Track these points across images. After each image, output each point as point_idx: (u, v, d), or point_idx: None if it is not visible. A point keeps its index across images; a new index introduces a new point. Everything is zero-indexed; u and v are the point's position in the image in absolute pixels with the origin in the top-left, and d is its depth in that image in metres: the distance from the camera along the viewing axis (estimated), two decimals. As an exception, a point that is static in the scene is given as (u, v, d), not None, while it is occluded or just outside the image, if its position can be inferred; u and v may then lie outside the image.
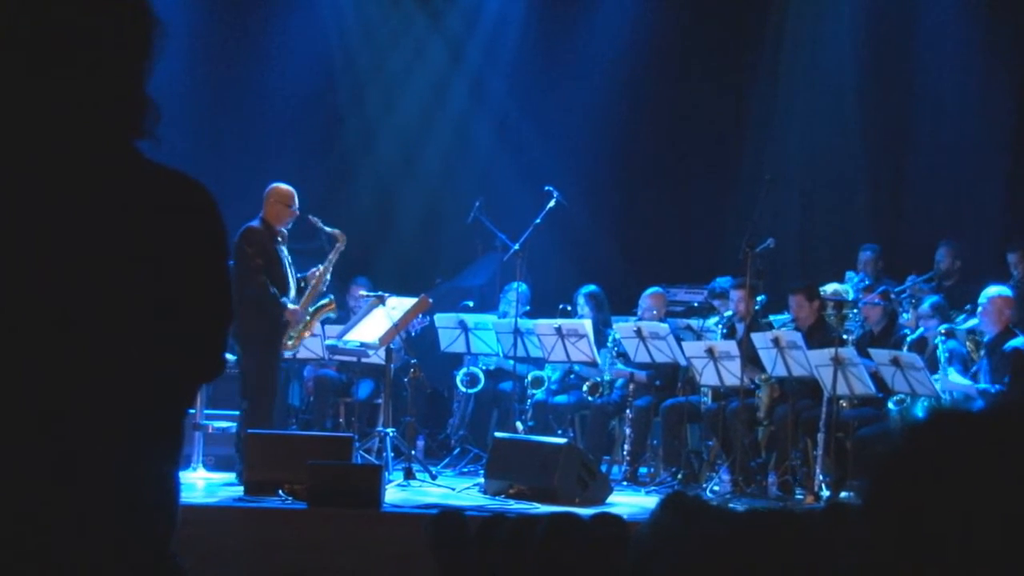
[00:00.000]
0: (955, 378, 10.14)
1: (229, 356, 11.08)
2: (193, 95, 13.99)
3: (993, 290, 10.35)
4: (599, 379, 11.70)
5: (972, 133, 13.64)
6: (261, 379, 10.02)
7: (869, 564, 1.55)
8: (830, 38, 14.28)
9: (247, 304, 9.91)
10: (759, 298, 11.29)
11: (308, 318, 10.38)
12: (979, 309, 10.33)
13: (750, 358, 10.50)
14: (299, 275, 10.37)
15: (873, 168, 14.10)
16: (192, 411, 10.84)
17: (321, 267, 10.48)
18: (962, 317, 11.03)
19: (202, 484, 10.26)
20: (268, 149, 14.00)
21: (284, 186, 10.37)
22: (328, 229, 10.58)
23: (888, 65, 14.03)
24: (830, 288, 11.37)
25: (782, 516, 3.17)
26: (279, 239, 10.23)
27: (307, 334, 10.49)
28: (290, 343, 10.32)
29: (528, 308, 12.22)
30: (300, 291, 10.35)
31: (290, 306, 10.15)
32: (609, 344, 11.65)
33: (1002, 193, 13.35)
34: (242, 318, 9.98)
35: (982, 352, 10.37)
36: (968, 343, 10.68)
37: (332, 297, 10.67)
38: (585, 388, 11.72)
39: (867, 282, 12.22)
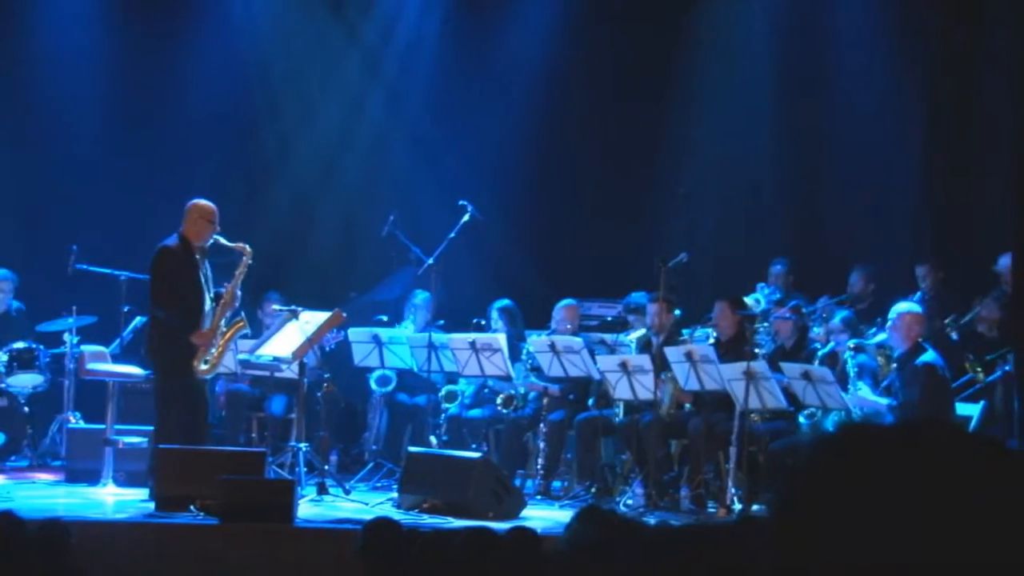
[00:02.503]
0: (865, 393, 10.23)
1: (140, 371, 11.03)
2: (105, 107, 13.85)
3: (903, 306, 10.40)
4: (513, 391, 11.73)
5: (884, 148, 13.78)
6: (167, 399, 9.90)
7: (779, 577, 1.56)
8: (744, 55, 14.40)
9: (157, 325, 9.97)
10: (676, 312, 11.36)
11: (220, 340, 10.10)
12: (888, 324, 10.38)
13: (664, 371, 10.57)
14: (216, 290, 10.21)
15: (788, 182, 14.20)
16: (103, 426, 10.71)
17: (229, 284, 10.20)
18: (872, 331, 11.11)
19: (112, 500, 10.13)
20: (183, 161, 13.85)
21: (205, 202, 10.21)
22: (230, 244, 10.22)
23: (802, 81, 14.16)
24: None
25: (694, 530, 3.20)
26: (198, 256, 10.09)
27: (220, 357, 10.14)
28: (204, 367, 9.98)
29: (441, 322, 12.24)
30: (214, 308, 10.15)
31: (202, 330, 10.00)
32: (524, 358, 11.67)
33: (913, 208, 13.48)
34: (152, 339, 9.99)
35: (893, 366, 10.45)
36: (879, 357, 10.76)
37: (243, 315, 10.50)
38: (499, 400, 11.73)
39: (778, 295, 12.26)
